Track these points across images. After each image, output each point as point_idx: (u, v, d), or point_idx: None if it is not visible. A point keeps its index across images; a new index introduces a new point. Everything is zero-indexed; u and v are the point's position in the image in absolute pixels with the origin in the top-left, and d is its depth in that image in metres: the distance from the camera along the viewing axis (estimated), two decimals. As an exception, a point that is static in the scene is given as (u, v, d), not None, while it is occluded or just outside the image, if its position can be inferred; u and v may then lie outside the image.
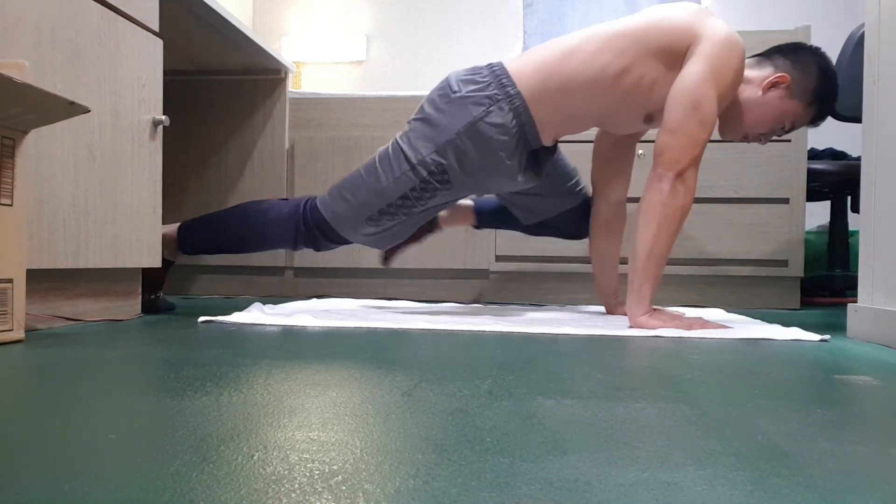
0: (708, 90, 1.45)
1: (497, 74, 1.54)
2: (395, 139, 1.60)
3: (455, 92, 1.54)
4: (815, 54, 1.57)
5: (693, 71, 1.46)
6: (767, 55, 1.60)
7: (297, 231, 1.65)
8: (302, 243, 1.68)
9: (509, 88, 1.52)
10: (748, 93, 1.57)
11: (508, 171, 1.56)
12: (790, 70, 1.56)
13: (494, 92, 1.52)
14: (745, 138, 1.63)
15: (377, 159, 1.60)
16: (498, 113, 1.51)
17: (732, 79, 1.48)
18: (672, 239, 1.45)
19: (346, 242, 1.69)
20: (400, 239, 1.69)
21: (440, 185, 1.56)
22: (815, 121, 1.63)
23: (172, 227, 1.73)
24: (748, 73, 1.58)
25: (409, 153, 1.55)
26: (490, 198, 1.95)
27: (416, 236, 1.88)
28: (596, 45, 1.53)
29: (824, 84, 1.56)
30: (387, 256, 1.94)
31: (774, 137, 1.65)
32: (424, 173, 1.55)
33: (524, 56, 1.58)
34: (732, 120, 1.61)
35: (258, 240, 1.68)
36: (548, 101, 1.53)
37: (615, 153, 1.78)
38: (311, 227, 1.65)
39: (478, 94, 1.53)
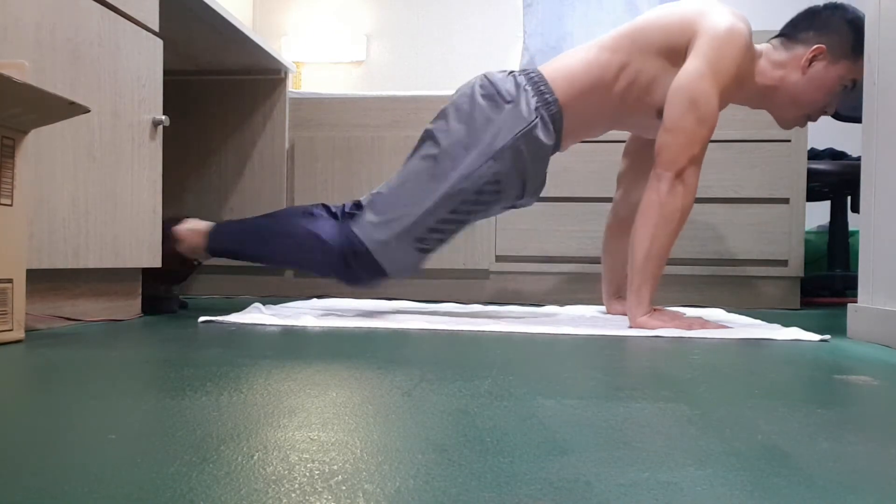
0: (705, 87, 1.44)
1: (535, 81, 1.55)
2: (440, 146, 1.51)
3: (508, 101, 1.52)
4: (836, 10, 1.53)
5: (690, 68, 1.45)
6: (790, 35, 1.56)
7: (333, 257, 1.52)
8: (333, 271, 1.55)
9: (548, 96, 1.54)
10: (791, 77, 1.54)
11: (543, 179, 1.58)
12: (821, 38, 1.52)
13: (536, 100, 1.53)
14: (810, 118, 1.59)
15: (418, 171, 1.52)
16: (544, 120, 1.53)
17: (734, 72, 1.46)
18: (671, 239, 1.45)
19: (379, 279, 1.56)
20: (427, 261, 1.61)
21: (492, 194, 1.53)
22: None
23: (202, 225, 1.64)
24: (779, 57, 1.54)
25: (463, 162, 1.49)
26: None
27: (166, 280, 1.72)
28: (599, 47, 1.55)
29: (861, 34, 1.49)
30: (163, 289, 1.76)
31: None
32: (481, 182, 1.50)
33: (556, 61, 1.59)
34: (786, 109, 1.57)
35: (286, 256, 1.58)
36: (576, 106, 1.55)
37: (643, 154, 1.79)
38: (349, 256, 1.52)
39: (528, 100, 1.52)
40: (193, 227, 1.65)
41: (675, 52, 1.50)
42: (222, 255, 1.64)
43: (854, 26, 1.51)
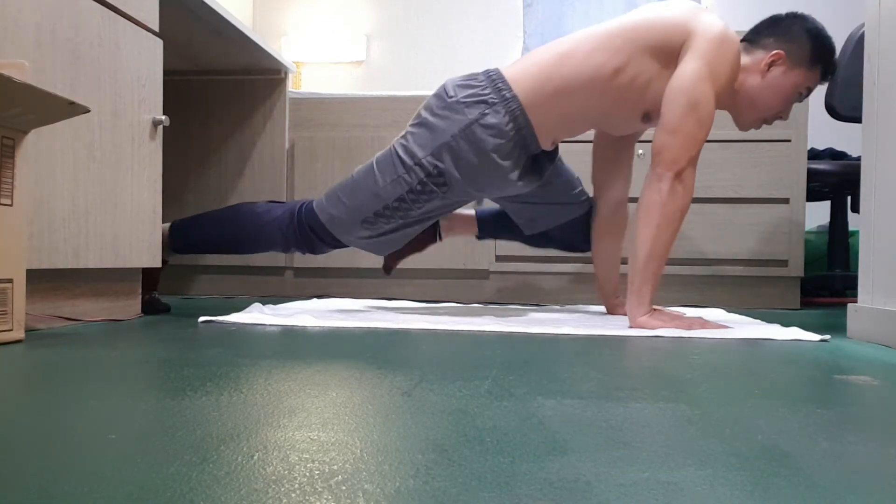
0: (705, 88, 1.45)
1: (493, 79, 1.55)
2: (393, 144, 1.60)
3: (451, 97, 1.55)
4: (796, 19, 1.56)
5: (689, 69, 1.46)
6: (752, 40, 1.59)
7: (292, 233, 1.65)
8: (295, 246, 1.68)
9: (505, 92, 1.53)
10: (750, 81, 1.56)
11: (503, 173, 1.56)
12: (781, 45, 1.55)
13: (490, 96, 1.53)
14: (765, 122, 1.62)
15: (375, 162, 1.60)
16: (493, 115, 1.52)
17: (729, 75, 1.48)
18: (671, 239, 1.45)
19: (342, 245, 1.69)
20: (397, 246, 1.68)
21: (437, 187, 1.56)
22: (824, 77, 1.60)
23: (164, 226, 1.73)
24: (742, 61, 1.57)
25: (406, 156, 1.56)
26: (492, 208, 1.94)
27: (418, 245, 1.87)
28: (591, 46, 1.54)
29: (818, 43, 1.55)
30: (388, 266, 1.92)
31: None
32: (422, 175, 1.55)
33: (521, 61, 1.59)
34: (744, 111, 1.60)
35: (250, 241, 1.68)
36: (546, 104, 1.54)
37: (614, 153, 1.78)
38: (306, 228, 1.65)
39: (473, 97, 1.54)
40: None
41: (668, 53, 1.50)
42: (186, 249, 1.73)
43: (813, 35, 1.54)
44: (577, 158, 2.31)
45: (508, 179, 1.58)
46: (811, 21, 1.56)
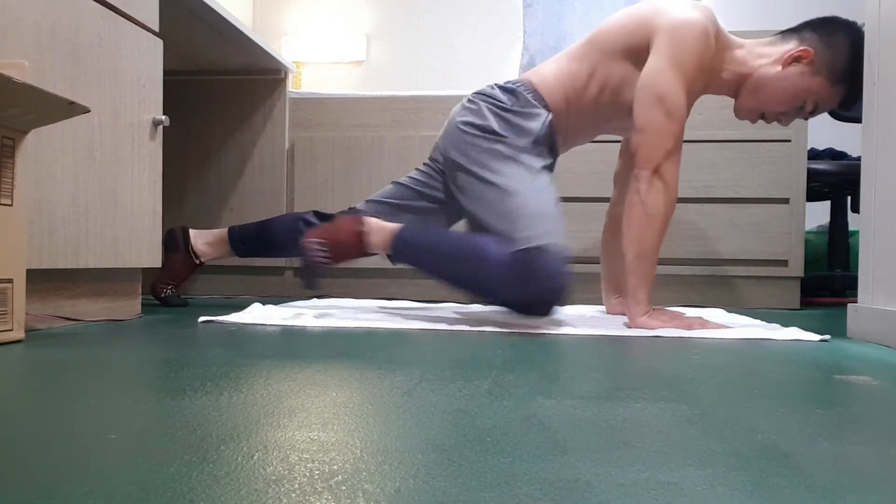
0: (669, 80, 1.43)
1: (529, 89, 1.59)
2: (491, 173, 1.49)
3: (511, 108, 1.56)
4: (850, 30, 1.46)
5: (652, 65, 1.46)
6: (796, 29, 1.51)
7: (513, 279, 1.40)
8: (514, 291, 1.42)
9: (540, 102, 1.59)
10: (766, 68, 1.50)
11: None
12: (816, 44, 1.47)
13: (536, 108, 1.57)
14: (763, 117, 1.56)
15: (492, 187, 1.48)
16: (537, 124, 1.56)
17: (696, 61, 1.43)
18: (658, 236, 1.43)
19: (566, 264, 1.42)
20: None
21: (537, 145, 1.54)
22: (844, 105, 1.50)
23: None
24: (767, 49, 1.51)
25: (518, 143, 1.52)
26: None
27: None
28: (568, 55, 1.60)
29: (855, 61, 1.45)
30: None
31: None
32: (542, 133, 1.54)
33: (537, 71, 1.63)
34: (745, 96, 1.54)
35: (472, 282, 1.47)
36: (558, 113, 1.60)
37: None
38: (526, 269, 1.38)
39: (526, 109, 1.56)
40: (382, 226, 1.55)
41: (636, 52, 1.51)
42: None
43: (855, 50, 1.45)
44: (578, 158, 2.31)
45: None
46: (861, 38, 1.44)
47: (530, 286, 1.36)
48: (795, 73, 1.49)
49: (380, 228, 1.54)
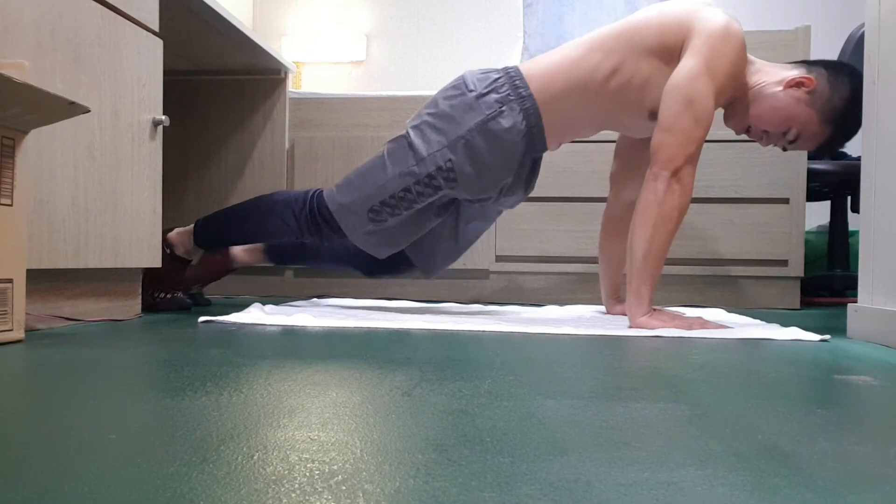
0: (701, 85, 1.43)
1: (511, 76, 1.55)
2: (406, 132, 1.59)
3: (470, 90, 1.55)
4: (854, 76, 1.51)
5: (686, 66, 1.44)
6: (809, 62, 1.55)
7: (304, 217, 1.65)
8: (308, 232, 1.68)
9: (521, 90, 1.54)
10: (769, 88, 1.52)
11: (514, 173, 1.57)
12: (821, 79, 1.50)
13: (507, 93, 1.53)
14: (747, 131, 1.58)
15: (386, 152, 1.60)
16: (509, 114, 1.52)
17: (729, 70, 1.45)
18: (669, 238, 1.44)
19: (346, 237, 1.66)
20: (397, 246, 1.66)
21: (445, 181, 1.55)
22: (823, 148, 1.55)
23: (188, 227, 1.79)
24: (775, 69, 1.54)
25: (420, 146, 1.55)
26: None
27: (215, 272, 1.87)
28: (589, 47, 1.55)
29: (850, 108, 1.49)
30: (187, 288, 1.82)
31: (775, 148, 1.62)
32: (432, 168, 1.54)
33: (535, 60, 1.60)
34: (738, 108, 1.56)
35: (265, 227, 1.69)
36: (554, 104, 1.55)
37: (635, 154, 1.78)
38: (316, 215, 1.65)
39: (491, 93, 1.54)
40: (181, 230, 1.78)
41: (669, 52, 1.49)
42: (210, 243, 1.76)
43: (853, 96, 1.49)
44: (578, 158, 2.31)
45: (514, 180, 1.58)
46: (860, 86, 1.47)
47: (319, 225, 1.65)
48: (791, 97, 1.51)
49: (179, 235, 1.77)
